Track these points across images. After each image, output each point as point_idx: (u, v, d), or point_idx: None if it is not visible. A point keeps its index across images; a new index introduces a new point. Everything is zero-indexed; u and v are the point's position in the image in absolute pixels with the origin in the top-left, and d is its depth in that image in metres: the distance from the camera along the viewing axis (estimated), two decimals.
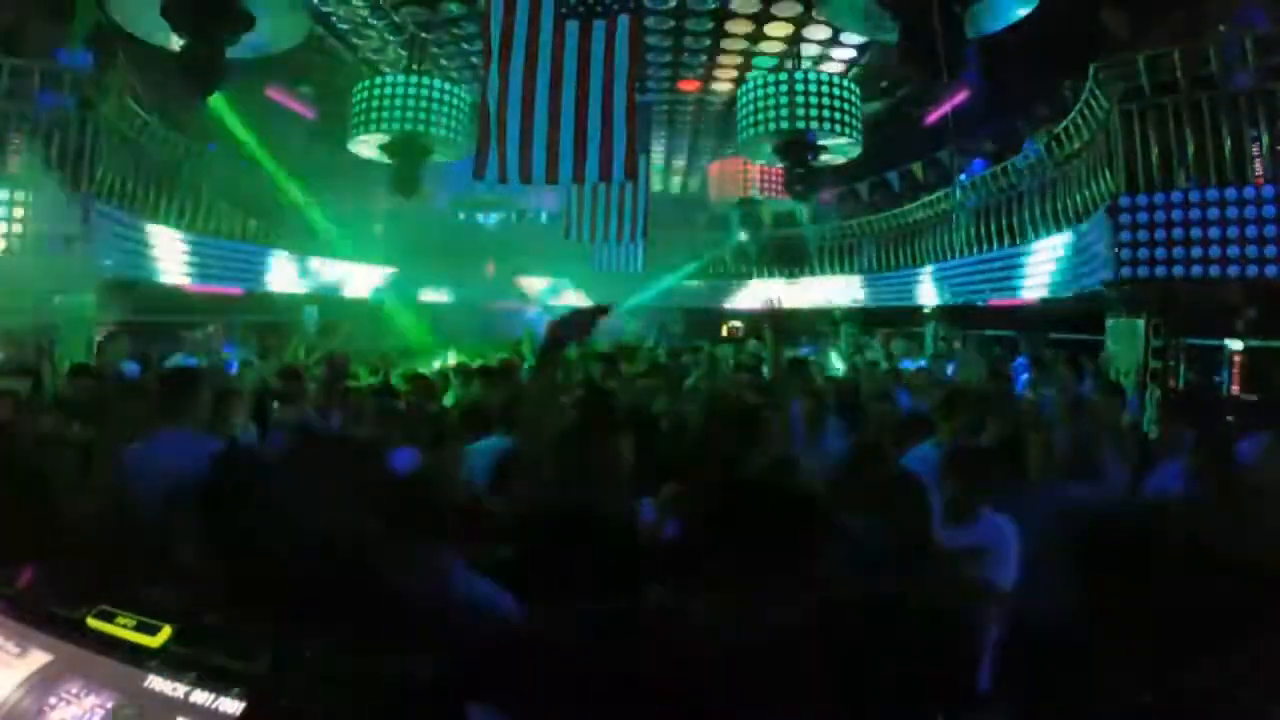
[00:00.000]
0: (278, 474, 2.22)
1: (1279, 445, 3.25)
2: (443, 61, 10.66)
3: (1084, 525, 1.41)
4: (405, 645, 1.29)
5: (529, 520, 2.06)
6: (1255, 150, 6.20)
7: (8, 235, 6.72)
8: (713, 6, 8.94)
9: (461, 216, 15.64)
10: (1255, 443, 3.36)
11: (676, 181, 17.29)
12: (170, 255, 8.48)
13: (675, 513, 2.49)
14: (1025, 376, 7.49)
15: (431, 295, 13.79)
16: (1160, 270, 6.35)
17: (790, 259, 14.28)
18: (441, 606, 1.78)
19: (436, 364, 8.74)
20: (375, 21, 9.68)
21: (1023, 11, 6.64)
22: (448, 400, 5.87)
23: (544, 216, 15.67)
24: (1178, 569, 1.20)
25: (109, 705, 1.18)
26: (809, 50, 10.00)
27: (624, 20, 5.60)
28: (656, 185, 15.08)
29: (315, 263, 11.22)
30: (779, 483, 2.08)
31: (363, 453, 2.53)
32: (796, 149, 9.24)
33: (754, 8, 8.94)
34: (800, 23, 9.25)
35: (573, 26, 5.59)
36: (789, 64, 9.95)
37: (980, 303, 9.77)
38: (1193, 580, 1.18)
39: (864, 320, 13.02)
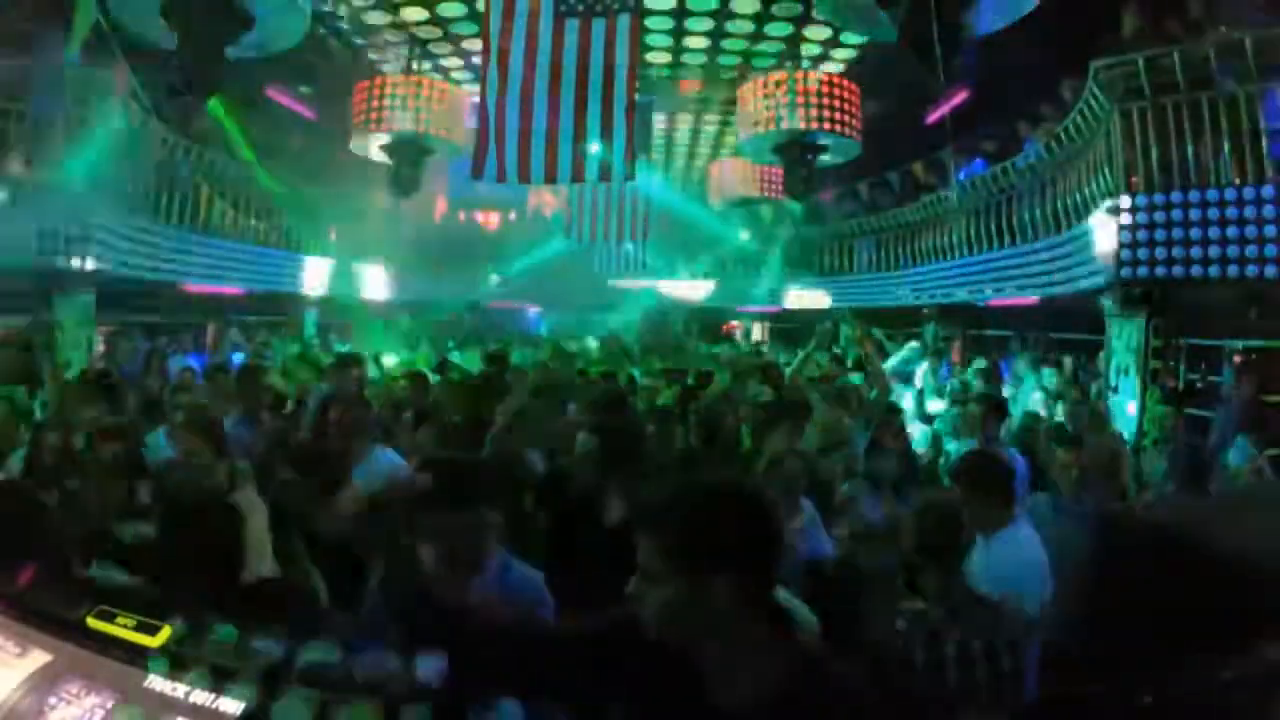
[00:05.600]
0: None
1: None
2: (442, 61, 10.65)
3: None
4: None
5: None
6: (1255, 151, 6.19)
7: None
8: (714, 7, 8.91)
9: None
10: None
11: (676, 181, 17.23)
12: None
13: None
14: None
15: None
16: (1160, 270, 6.35)
17: (790, 259, 14.25)
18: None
19: None
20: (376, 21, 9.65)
21: (1023, 11, 6.62)
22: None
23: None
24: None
25: (109, 705, 1.18)
26: (809, 50, 9.98)
27: (624, 19, 5.58)
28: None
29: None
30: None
31: None
32: (797, 149, 9.22)
33: (754, 7, 8.92)
34: (800, 22, 9.24)
35: (572, 25, 5.58)
36: (789, 64, 9.94)
37: (980, 303, 9.77)
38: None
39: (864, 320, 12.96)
